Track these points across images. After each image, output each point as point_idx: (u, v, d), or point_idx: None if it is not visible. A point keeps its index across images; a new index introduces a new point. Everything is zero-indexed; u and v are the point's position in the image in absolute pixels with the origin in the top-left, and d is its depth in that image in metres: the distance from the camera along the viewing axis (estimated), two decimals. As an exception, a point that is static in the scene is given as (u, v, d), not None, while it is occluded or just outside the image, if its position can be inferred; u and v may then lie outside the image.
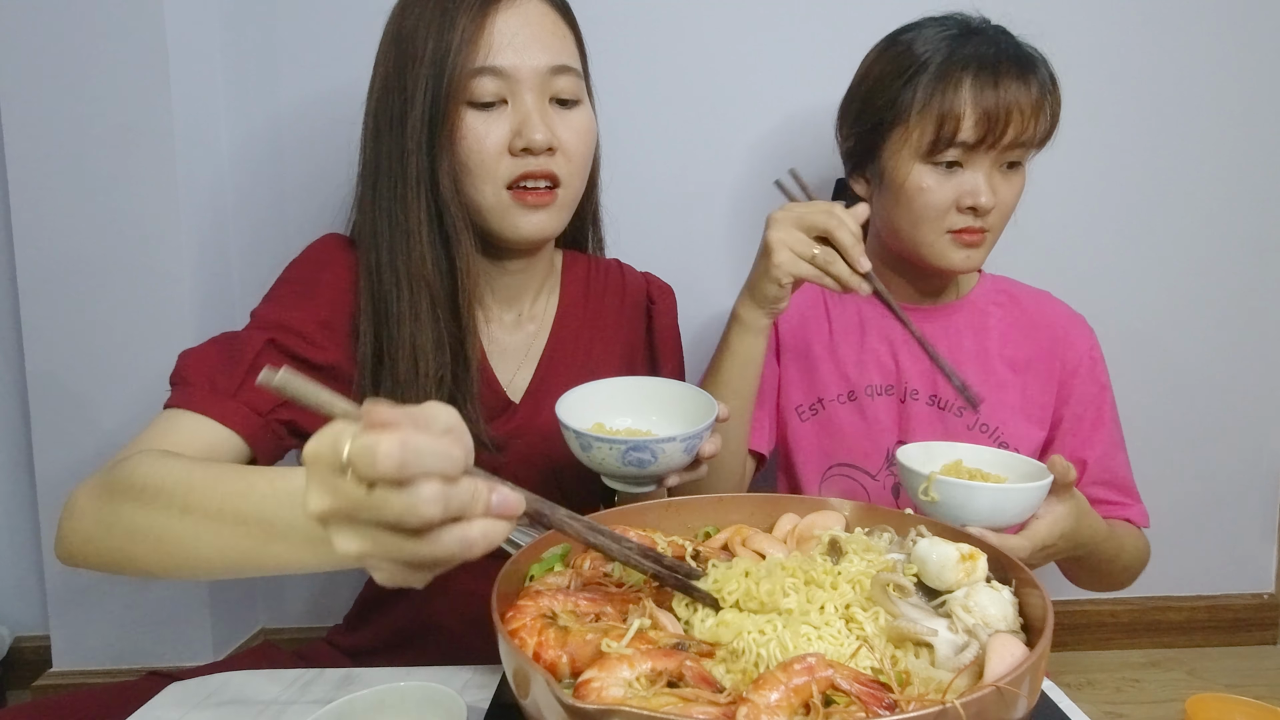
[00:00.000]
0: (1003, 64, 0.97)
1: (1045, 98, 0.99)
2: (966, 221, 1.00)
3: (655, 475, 0.81)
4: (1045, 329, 1.12)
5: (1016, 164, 1.02)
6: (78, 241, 1.37)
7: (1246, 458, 1.66)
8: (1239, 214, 1.57)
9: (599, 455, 0.79)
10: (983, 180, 0.99)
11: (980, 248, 1.03)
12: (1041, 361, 1.10)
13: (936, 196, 1.00)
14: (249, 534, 0.60)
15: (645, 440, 0.78)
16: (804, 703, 0.47)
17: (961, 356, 1.10)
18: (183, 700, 0.73)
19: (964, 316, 1.13)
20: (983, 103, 0.96)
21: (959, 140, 0.97)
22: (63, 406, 1.41)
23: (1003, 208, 1.02)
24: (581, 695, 0.49)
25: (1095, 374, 1.11)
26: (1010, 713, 0.46)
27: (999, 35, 1.01)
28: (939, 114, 0.97)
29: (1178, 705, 1.45)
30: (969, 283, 1.15)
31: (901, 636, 0.55)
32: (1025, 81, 0.97)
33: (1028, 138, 0.98)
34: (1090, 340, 1.13)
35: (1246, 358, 1.62)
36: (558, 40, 0.92)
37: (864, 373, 1.13)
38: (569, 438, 0.81)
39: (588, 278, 1.10)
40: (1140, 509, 1.12)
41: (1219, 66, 1.52)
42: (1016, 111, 0.96)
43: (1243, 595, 1.71)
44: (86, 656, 1.47)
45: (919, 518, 0.70)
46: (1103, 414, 1.11)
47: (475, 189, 0.91)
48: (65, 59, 1.33)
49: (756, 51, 1.47)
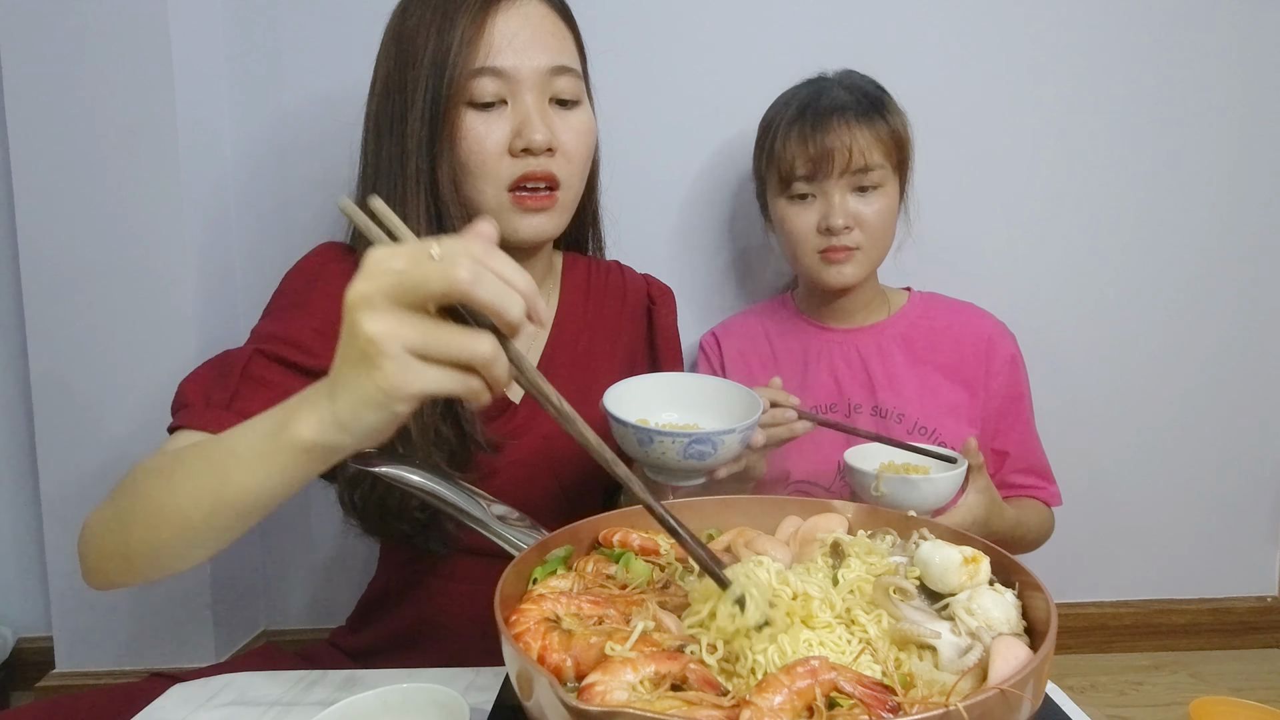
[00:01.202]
0: (826, 111, 1.13)
1: (879, 131, 1.13)
2: (828, 241, 1.15)
3: (712, 467, 0.84)
4: (969, 337, 1.23)
5: (871, 188, 1.14)
6: (81, 244, 1.37)
7: (1250, 461, 1.65)
8: (1241, 215, 1.57)
9: (659, 450, 0.80)
10: (834, 204, 1.13)
11: (851, 263, 1.16)
12: (968, 367, 1.21)
13: (798, 224, 1.16)
14: (214, 469, 0.63)
15: (707, 433, 0.81)
16: (807, 705, 0.47)
17: (895, 366, 1.22)
18: (185, 701, 0.74)
19: (895, 332, 1.24)
20: (808, 146, 1.12)
21: (798, 176, 1.14)
22: (66, 408, 1.41)
23: (866, 226, 1.14)
24: (585, 699, 0.49)
25: (1015, 375, 1.23)
26: (1014, 715, 0.46)
27: (834, 86, 1.17)
28: (779, 159, 1.16)
29: (1181, 708, 1.44)
30: (899, 301, 1.28)
31: (904, 639, 0.55)
32: (850, 122, 1.12)
33: (860, 166, 1.12)
34: (1011, 346, 1.24)
35: (1249, 361, 1.61)
36: (557, 41, 0.92)
37: (809, 396, 1.21)
38: (623, 434, 0.82)
39: (588, 279, 1.10)
40: (1054, 490, 1.23)
41: (1221, 70, 1.52)
42: (841, 148, 1.11)
43: (1246, 598, 1.71)
44: (89, 658, 1.47)
45: (922, 520, 0.70)
46: (1021, 410, 1.23)
47: (476, 190, 0.91)
48: (70, 61, 1.33)
49: (758, 52, 1.48)
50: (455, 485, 0.81)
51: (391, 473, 0.84)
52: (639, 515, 0.74)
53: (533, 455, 0.98)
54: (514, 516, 0.83)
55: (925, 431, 1.18)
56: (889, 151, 1.15)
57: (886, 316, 1.26)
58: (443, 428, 0.90)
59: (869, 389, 1.22)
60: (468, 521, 0.80)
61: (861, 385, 1.22)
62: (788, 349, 1.27)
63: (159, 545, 0.68)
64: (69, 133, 1.35)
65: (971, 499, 0.97)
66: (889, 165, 1.15)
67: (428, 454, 0.88)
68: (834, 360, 1.24)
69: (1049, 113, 1.52)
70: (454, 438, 0.91)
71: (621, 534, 0.70)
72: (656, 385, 0.93)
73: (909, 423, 1.18)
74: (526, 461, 0.98)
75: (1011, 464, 1.22)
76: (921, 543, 0.64)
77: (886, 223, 1.17)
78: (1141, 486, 1.64)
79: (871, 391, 1.21)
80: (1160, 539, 1.67)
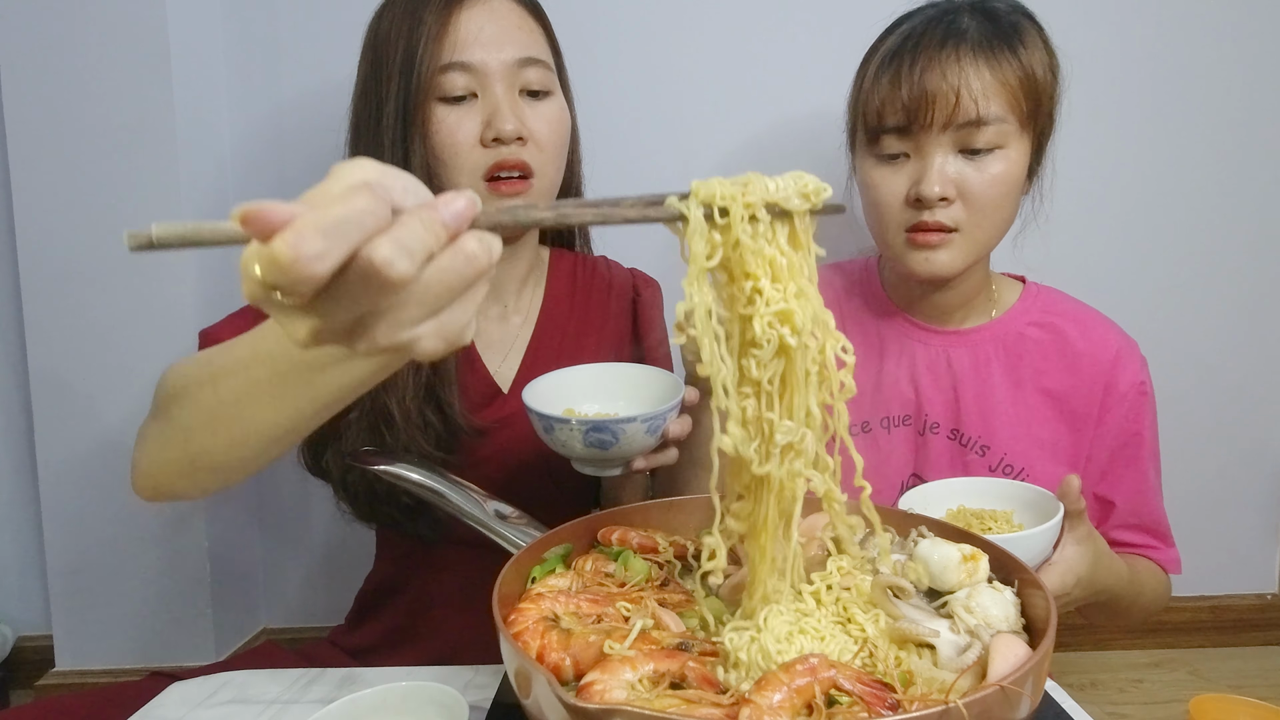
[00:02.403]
0: (935, 43, 0.88)
1: (1006, 71, 0.88)
2: (918, 217, 0.90)
3: (620, 457, 0.82)
4: (1090, 359, 0.99)
5: (984, 150, 0.89)
6: (80, 241, 1.37)
7: (1249, 458, 1.65)
8: (1240, 213, 1.56)
9: (561, 437, 0.80)
10: (932, 167, 0.88)
11: (945, 248, 0.91)
12: (1081, 396, 0.98)
13: (884, 191, 0.92)
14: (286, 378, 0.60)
15: (605, 420, 0.79)
16: (807, 703, 0.47)
17: (989, 386, 0.99)
18: (185, 700, 0.74)
19: (996, 340, 1.01)
20: (907, 84, 0.87)
21: (889, 128, 0.90)
22: (66, 406, 1.41)
23: (971, 198, 0.89)
24: (584, 698, 0.49)
25: (1138, 409, 0.99)
26: (1013, 713, 0.46)
27: (958, 15, 0.91)
28: (865, 103, 0.92)
29: (1181, 706, 1.44)
30: (1009, 298, 1.03)
31: (903, 638, 0.55)
32: (964, 58, 0.87)
33: (970, 119, 0.87)
34: (1140, 373, 0.99)
35: (1249, 357, 1.61)
36: (524, 34, 0.95)
37: (881, 403, 1.02)
38: (533, 421, 0.82)
39: (574, 272, 1.11)
40: (1173, 554, 1.03)
41: (1224, 65, 1.51)
42: (945, 93, 0.86)
43: (1246, 596, 1.71)
44: (89, 656, 1.48)
45: (922, 517, 0.70)
46: (1139, 453, 0.99)
47: (452, 181, 0.94)
48: (68, 59, 1.33)
49: (749, 48, 1.47)
50: (453, 483, 0.81)
51: (391, 470, 0.84)
52: (637, 513, 0.74)
53: (522, 441, 0.99)
54: (514, 515, 0.83)
55: (1011, 470, 0.98)
56: (1014, 100, 0.88)
57: (990, 319, 1.02)
58: (428, 413, 0.93)
59: (953, 409, 0.99)
60: (467, 520, 0.81)
61: (945, 402, 1.00)
62: (861, 332, 1.04)
63: (232, 448, 0.66)
64: (67, 130, 1.34)
65: (1070, 552, 0.77)
66: (1014, 119, 0.89)
67: (412, 439, 0.91)
68: (916, 364, 1.01)
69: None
70: (439, 423, 0.94)
71: (620, 532, 0.70)
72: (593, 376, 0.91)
73: (993, 457, 0.98)
74: (516, 447, 0.99)
75: (1118, 517, 1.00)
76: (920, 540, 0.64)
77: (1003, 195, 0.90)
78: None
79: (955, 412, 0.99)
80: (1160, 536, 1.67)
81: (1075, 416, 0.99)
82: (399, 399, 0.91)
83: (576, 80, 1.06)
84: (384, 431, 0.91)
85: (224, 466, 0.69)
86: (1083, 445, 0.99)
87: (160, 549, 1.45)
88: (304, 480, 1.02)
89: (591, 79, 1.16)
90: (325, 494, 1.01)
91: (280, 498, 1.58)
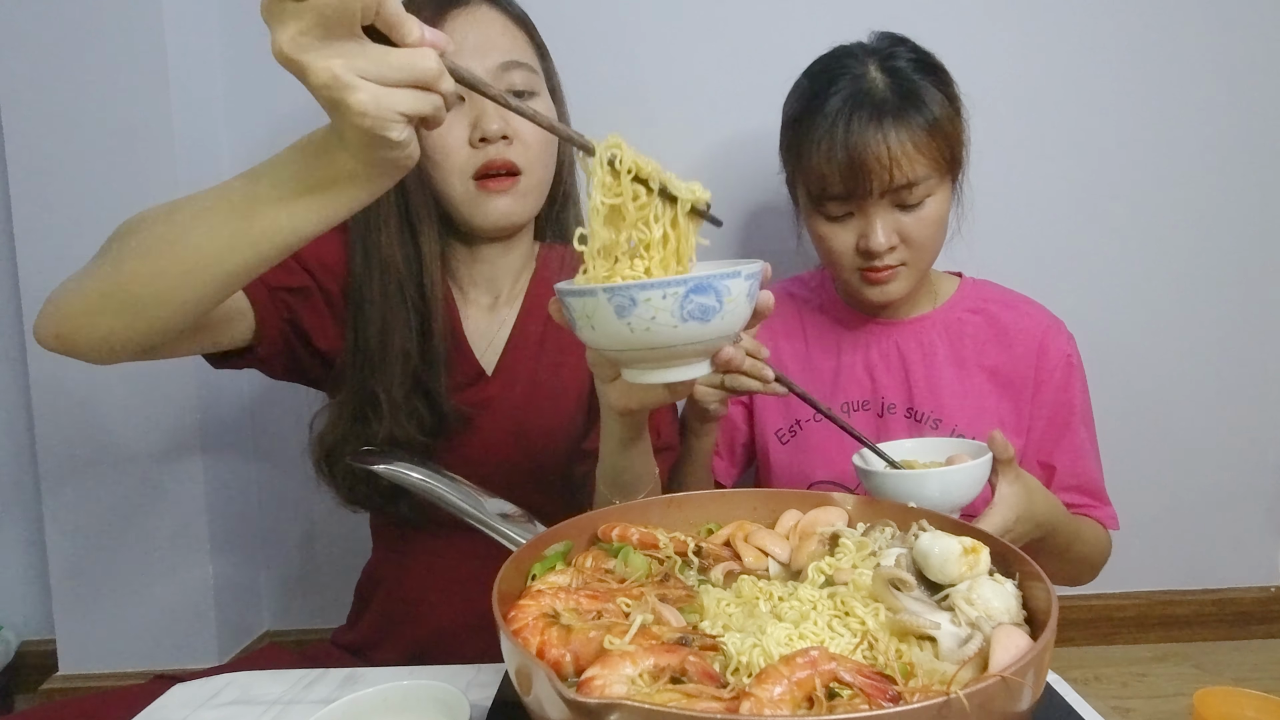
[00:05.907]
0: (861, 116, 0.96)
1: (922, 137, 0.96)
2: (869, 262, 1.02)
3: (718, 337, 0.64)
4: (1022, 337, 1.10)
5: (916, 204, 0.99)
6: (79, 244, 1.35)
7: (1253, 451, 1.65)
8: (1240, 212, 1.57)
9: (647, 314, 0.59)
10: (875, 228, 0.99)
11: (896, 281, 1.04)
12: (1018, 370, 1.10)
13: (835, 244, 1.04)
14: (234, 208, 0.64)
15: (709, 277, 0.59)
16: (807, 696, 0.47)
17: (936, 366, 1.10)
18: (187, 701, 0.74)
19: (939, 326, 1.13)
20: (843, 160, 0.96)
21: (830, 196, 1.00)
22: (66, 410, 1.41)
23: (913, 241, 1.01)
24: (584, 693, 0.48)
25: (1069, 380, 1.10)
26: (1015, 704, 0.46)
27: (864, 73, 0.99)
28: (808, 173, 1.01)
29: (1185, 699, 1.44)
30: (947, 290, 1.15)
31: (904, 630, 0.55)
32: (887, 130, 0.95)
33: (903, 183, 0.97)
34: (1067, 347, 1.11)
35: (1252, 351, 1.61)
36: (507, 39, 0.98)
37: (840, 390, 1.13)
38: (591, 312, 0.61)
39: (562, 263, 1.13)
40: (1109, 511, 1.11)
41: (1220, 67, 1.51)
42: (880, 169, 0.95)
43: (1250, 589, 1.71)
44: (92, 660, 1.48)
45: (922, 511, 0.70)
46: (1071, 419, 1.09)
47: (444, 182, 0.97)
48: (66, 61, 1.33)
49: (742, 48, 1.47)
50: (452, 482, 0.81)
51: (390, 470, 0.84)
52: (638, 511, 0.74)
53: (504, 424, 1.02)
54: (514, 513, 0.84)
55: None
56: (936, 157, 0.99)
57: (932, 309, 1.14)
58: (414, 399, 0.96)
59: (905, 390, 1.11)
60: (466, 519, 0.81)
61: (898, 385, 1.11)
62: (820, 334, 1.17)
63: (156, 277, 0.66)
64: (66, 132, 1.35)
65: (1005, 491, 0.84)
66: (937, 173, 1.00)
67: (399, 424, 0.94)
68: (870, 354, 1.13)
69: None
70: (425, 409, 0.97)
71: (620, 528, 0.70)
72: None
73: (946, 429, 1.08)
74: (498, 429, 1.02)
75: (1059, 481, 1.09)
76: (921, 534, 0.64)
77: (938, 230, 1.04)
78: (1144, 478, 1.63)
79: (908, 393, 1.11)
80: (1163, 530, 1.67)
81: (1014, 388, 1.10)
82: (388, 387, 0.94)
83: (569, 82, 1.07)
84: (370, 419, 0.94)
85: (138, 299, 0.67)
86: (1023, 414, 1.10)
87: (162, 552, 1.45)
88: (306, 484, 1.02)
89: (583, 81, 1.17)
90: (327, 497, 1.02)
91: (283, 501, 1.58)
